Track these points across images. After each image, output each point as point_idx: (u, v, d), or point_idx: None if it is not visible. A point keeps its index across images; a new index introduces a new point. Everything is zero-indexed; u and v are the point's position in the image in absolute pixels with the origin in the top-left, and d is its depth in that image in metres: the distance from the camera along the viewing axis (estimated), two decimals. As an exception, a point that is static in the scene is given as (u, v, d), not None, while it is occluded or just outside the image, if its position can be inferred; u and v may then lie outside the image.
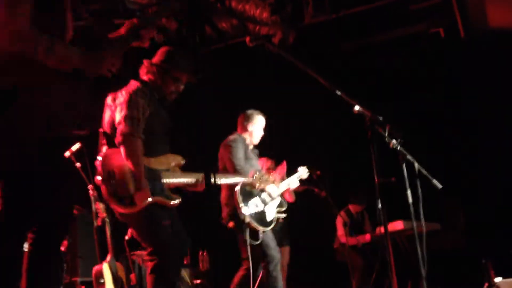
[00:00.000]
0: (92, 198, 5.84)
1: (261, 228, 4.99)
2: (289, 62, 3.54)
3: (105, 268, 5.59)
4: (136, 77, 3.85)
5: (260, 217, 5.03)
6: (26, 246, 2.73)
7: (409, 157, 4.56)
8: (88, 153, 5.59)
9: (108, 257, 5.67)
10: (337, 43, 8.13)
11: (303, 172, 5.74)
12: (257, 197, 5.15)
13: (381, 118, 3.66)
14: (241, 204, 4.96)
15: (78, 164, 5.57)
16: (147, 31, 3.17)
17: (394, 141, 4.07)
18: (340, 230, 6.99)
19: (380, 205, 3.74)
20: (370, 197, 7.34)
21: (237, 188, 5.03)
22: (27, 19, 2.59)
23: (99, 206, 5.82)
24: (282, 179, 5.85)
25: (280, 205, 5.39)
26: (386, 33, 7.90)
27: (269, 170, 6.33)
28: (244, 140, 5.42)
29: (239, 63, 7.87)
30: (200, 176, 3.78)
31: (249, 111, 5.70)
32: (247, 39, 3.44)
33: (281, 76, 8.00)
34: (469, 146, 7.50)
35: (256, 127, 5.64)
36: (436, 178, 5.11)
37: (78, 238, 6.46)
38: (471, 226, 7.30)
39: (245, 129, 5.53)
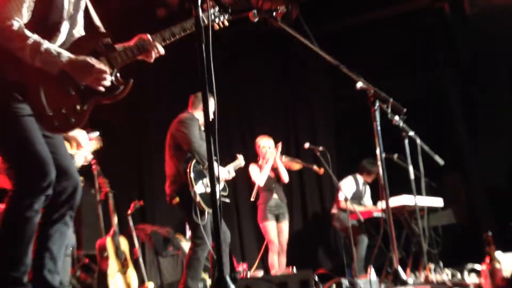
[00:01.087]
0: (95, 172, 5.86)
1: (207, 209, 4.83)
2: (292, 37, 3.51)
3: (109, 241, 5.64)
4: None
5: (207, 198, 4.87)
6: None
7: (411, 133, 4.57)
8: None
9: (112, 231, 5.72)
10: (340, 18, 8.06)
11: (241, 160, 5.64)
12: (206, 178, 4.98)
13: (384, 94, 3.65)
14: (194, 183, 4.82)
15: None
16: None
17: (396, 117, 4.07)
18: (341, 196, 6.94)
19: (383, 181, 3.75)
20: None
21: (190, 166, 4.87)
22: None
23: (102, 181, 5.84)
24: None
25: (223, 189, 5.24)
26: (390, 8, 7.83)
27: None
28: (197, 120, 5.22)
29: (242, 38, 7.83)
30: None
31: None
32: (250, 14, 3.39)
33: (283, 49, 8.01)
34: (471, 121, 7.48)
35: None
36: (439, 154, 5.14)
37: (81, 212, 6.51)
38: (473, 201, 7.33)
39: (197, 109, 5.29)
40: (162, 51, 3.01)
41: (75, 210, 2.87)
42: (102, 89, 2.79)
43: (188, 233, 6.94)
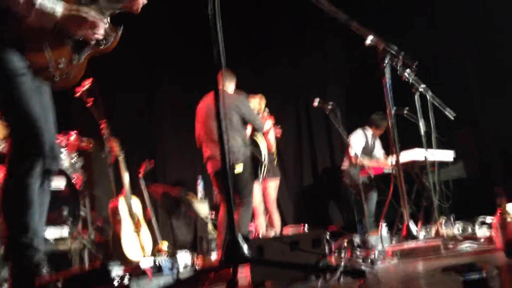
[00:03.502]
0: (104, 134, 5.85)
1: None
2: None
3: (121, 203, 5.69)
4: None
5: None
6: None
7: (422, 87, 4.50)
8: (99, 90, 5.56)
9: (123, 192, 5.76)
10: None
11: None
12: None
13: (394, 49, 3.58)
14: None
15: (89, 102, 5.56)
16: None
17: (407, 72, 4.01)
18: (352, 152, 6.91)
19: (393, 136, 3.72)
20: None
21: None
22: None
23: (112, 143, 5.84)
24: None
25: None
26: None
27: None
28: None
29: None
30: None
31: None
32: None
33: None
34: (483, 73, 7.37)
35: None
36: (450, 107, 5.07)
37: (93, 174, 6.55)
38: (484, 154, 7.29)
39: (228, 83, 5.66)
40: None
41: (52, 176, 2.83)
42: (98, 37, 2.76)
43: (200, 193, 7.00)
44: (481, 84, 7.43)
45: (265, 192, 6.64)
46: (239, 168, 5.29)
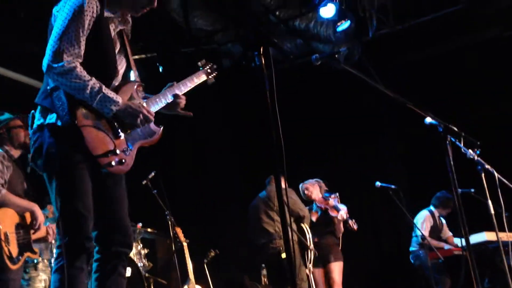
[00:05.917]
0: (170, 223, 5.96)
1: None
2: (356, 77, 3.51)
3: (186, 291, 5.69)
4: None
5: None
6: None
7: (487, 166, 4.39)
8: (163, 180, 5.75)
9: (188, 281, 5.76)
10: (403, 54, 8.00)
11: None
12: None
13: (455, 129, 3.56)
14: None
15: (154, 191, 5.74)
16: None
17: (470, 151, 3.95)
18: (425, 230, 6.69)
19: (461, 218, 3.61)
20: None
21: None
22: None
23: (178, 230, 5.93)
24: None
25: None
26: (455, 40, 7.71)
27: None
28: None
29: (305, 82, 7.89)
30: None
31: None
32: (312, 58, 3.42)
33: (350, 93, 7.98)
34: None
35: None
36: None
37: (157, 261, 6.61)
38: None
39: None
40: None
41: (126, 261, 2.92)
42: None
43: (263, 280, 6.91)
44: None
45: (330, 277, 6.49)
46: (284, 254, 5.41)
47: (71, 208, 2.68)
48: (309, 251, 6.02)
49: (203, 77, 3.41)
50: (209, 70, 3.47)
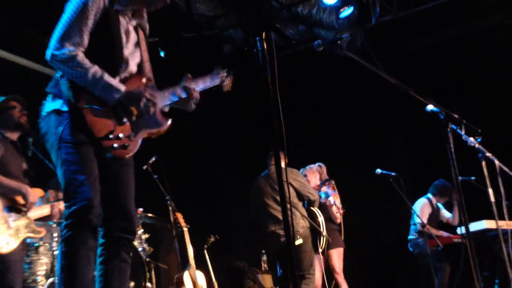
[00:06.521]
0: (170, 208, 5.98)
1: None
2: (358, 64, 3.50)
3: (186, 276, 5.71)
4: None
5: None
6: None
7: (488, 154, 4.39)
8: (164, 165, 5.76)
9: (189, 266, 5.79)
10: (406, 41, 7.98)
11: None
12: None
13: (456, 116, 3.55)
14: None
15: (155, 176, 5.75)
16: None
17: (471, 139, 3.94)
18: (424, 217, 6.70)
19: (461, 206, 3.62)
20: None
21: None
22: None
23: (178, 215, 5.95)
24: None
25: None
26: (457, 28, 7.68)
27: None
28: None
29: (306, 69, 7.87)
30: None
31: None
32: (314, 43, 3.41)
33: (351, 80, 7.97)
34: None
35: None
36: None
37: (159, 247, 6.64)
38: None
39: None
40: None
41: (129, 247, 2.94)
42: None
43: (263, 267, 6.95)
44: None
45: (330, 264, 6.51)
46: (299, 241, 5.31)
47: (77, 182, 2.73)
48: (321, 237, 5.86)
49: (217, 81, 3.53)
50: (224, 76, 3.60)
